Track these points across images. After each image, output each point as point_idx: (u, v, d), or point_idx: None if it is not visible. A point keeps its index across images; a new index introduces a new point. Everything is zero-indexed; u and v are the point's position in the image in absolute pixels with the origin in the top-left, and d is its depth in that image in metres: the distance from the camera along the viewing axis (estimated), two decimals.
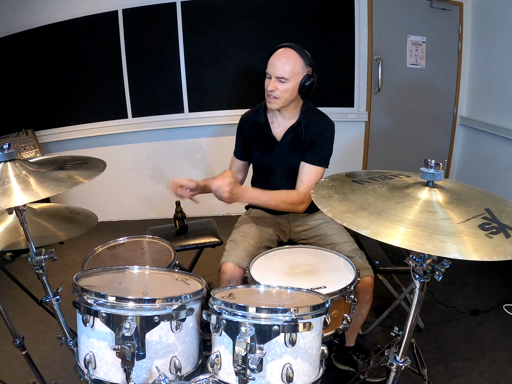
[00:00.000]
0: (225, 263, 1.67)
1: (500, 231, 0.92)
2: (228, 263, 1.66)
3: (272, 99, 1.70)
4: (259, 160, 1.91)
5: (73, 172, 1.19)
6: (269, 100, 1.71)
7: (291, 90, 1.68)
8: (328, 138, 1.78)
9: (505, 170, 3.05)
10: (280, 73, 1.64)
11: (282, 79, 1.65)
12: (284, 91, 1.67)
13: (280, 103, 1.70)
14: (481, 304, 2.39)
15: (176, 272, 1.41)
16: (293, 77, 1.66)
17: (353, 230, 0.95)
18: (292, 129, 1.79)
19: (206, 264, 2.40)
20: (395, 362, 1.13)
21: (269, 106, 1.74)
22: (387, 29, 3.40)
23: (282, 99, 1.69)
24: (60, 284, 1.32)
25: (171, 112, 3.58)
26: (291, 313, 1.03)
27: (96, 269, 1.30)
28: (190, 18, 3.35)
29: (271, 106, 1.73)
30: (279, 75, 1.65)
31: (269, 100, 1.71)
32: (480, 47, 3.33)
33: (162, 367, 1.11)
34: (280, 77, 1.65)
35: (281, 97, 1.68)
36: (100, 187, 3.69)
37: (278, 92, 1.67)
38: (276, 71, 1.65)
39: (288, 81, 1.66)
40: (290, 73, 1.64)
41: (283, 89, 1.66)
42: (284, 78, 1.64)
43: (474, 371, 1.90)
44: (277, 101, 1.70)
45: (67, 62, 3.44)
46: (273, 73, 1.66)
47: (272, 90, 1.67)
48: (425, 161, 1.04)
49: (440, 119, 3.66)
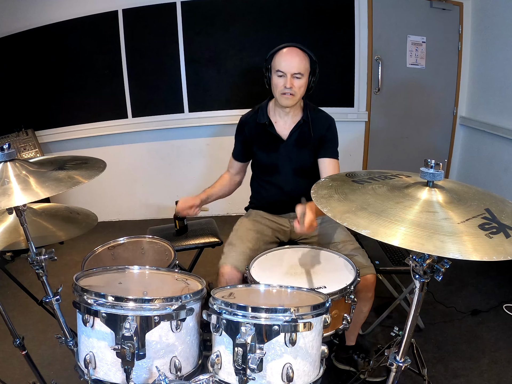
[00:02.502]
0: (223, 265, 1.68)
1: (500, 231, 0.92)
2: (226, 265, 1.67)
3: (289, 96, 1.72)
4: (263, 160, 1.91)
5: (73, 172, 1.19)
6: (286, 97, 1.72)
7: (304, 86, 1.73)
8: (335, 131, 1.86)
9: (505, 170, 3.05)
10: (297, 69, 1.68)
11: (298, 75, 1.69)
12: (299, 87, 1.71)
13: (296, 99, 1.74)
14: (481, 304, 2.39)
15: (176, 272, 1.41)
16: (306, 73, 1.71)
17: (353, 230, 0.95)
18: (298, 126, 1.82)
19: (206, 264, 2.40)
20: (395, 362, 1.13)
21: (285, 104, 1.75)
22: (387, 29, 3.39)
23: (298, 95, 1.73)
24: (60, 284, 1.32)
25: (171, 112, 3.58)
26: (291, 313, 1.03)
27: (96, 269, 1.30)
28: (190, 18, 3.35)
29: (287, 102, 1.74)
30: (296, 71, 1.68)
31: (285, 97, 1.72)
32: (480, 47, 3.33)
33: (162, 367, 1.11)
34: (296, 73, 1.68)
35: (296, 93, 1.72)
36: (100, 187, 3.68)
37: (295, 89, 1.70)
38: (292, 68, 1.68)
39: (303, 77, 1.70)
40: (304, 69, 1.70)
41: (298, 85, 1.70)
42: (300, 73, 1.69)
43: (474, 371, 1.90)
44: (293, 98, 1.72)
45: (67, 62, 3.44)
46: (288, 71, 1.68)
47: (290, 87, 1.69)
48: (425, 161, 1.04)
49: (440, 119, 3.66)
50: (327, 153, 1.82)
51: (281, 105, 1.77)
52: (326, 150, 1.83)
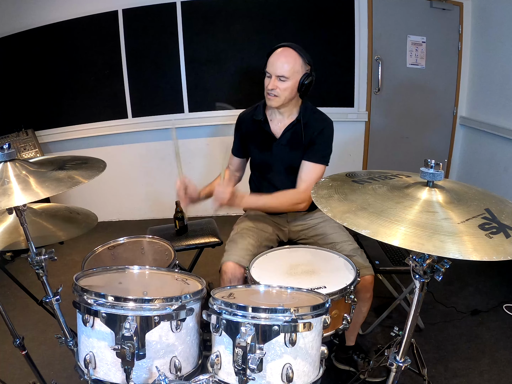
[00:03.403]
0: (226, 262, 1.67)
1: (500, 231, 0.92)
2: (229, 262, 1.66)
3: (272, 97, 1.72)
4: (257, 157, 1.92)
5: (73, 172, 1.19)
6: (269, 97, 1.73)
7: (290, 89, 1.71)
8: (327, 136, 1.81)
9: (505, 170, 3.05)
10: (280, 72, 1.67)
11: (282, 78, 1.68)
12: (284, 89, 1.70)
13: (280, 101, 1.73)
14: (481, 304, 2.39)
15: (176, 272, 1.41)
16: (292, 76, 1.68)
17: (353, 230, 0.95)
18: (291, 126, 1.81)
19: (206, 264, 2.40)
20: (395, 362, 1.13)
21: (269, 104, 1.76)
22: (387, 29, 3.39)
23: (282, 97, 1.71)
24: (60, 284, 1.32)
25: (171, 112, 3.57)
26: (291, 313, 1.03)
27: (96, 269, 1.30)
28: (190, 18, 3.35)
29: (271, 103, 1.74)
30: (279, 73, 1.67)
31: (269, 97, 1.73)
32: (480, 47, 3.33)
33: (162, 367, 1.11)
34: (280, 76, 1.67)
35: (281, 95, 1.71)
36: (100, 187, 3.68)
37: (278, 91, 1.70)
38: (276, 70, 1.67)
39: (288, 80, 1.68)
40: (290, 71, 1.67)
41: (283, 88, 1.69)
42: (284, 76, 1.67)
43: (474, 371, 1.90)
44: (277, 99, 1.72)
45: (67, 62, 3.44)
46: (273, 72, 1.68)
47: (273, 89, 1.69)
48: (425, 161, 1.04)
49: (440, 119, 3.66)
50: (309, 156, 1.79)
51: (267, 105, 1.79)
52: (309, 152, 1.79)
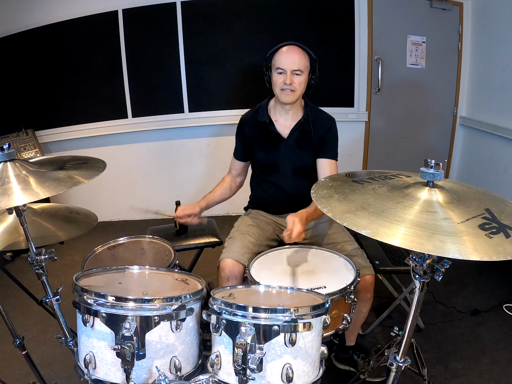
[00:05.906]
0: (224, 259, 1.67)
1: (500, 231, 0.92)
2: (227, 259, 1.65)
3: (289, 92, 1.73)
4: (263, 159, 1.91)
5: (73, 172, 1.19)
6: (286, 93, 1.73)
7: (304, 83, 1.74)
8: (335, 132, 1.87)
9: (505, 170, 3.05)
10: (297, 66, 1.69)
11: (298, 72, 1.70)
12: (299, 83, 1.72)
13: (296, 95, 1.74)
14: (481, 304, 2.39)
15: (176, 272, 1.41)
16: (306, 70, 1.72)
17: (353, 230, 0.95)
18: (299, 125, 1.82)
19: (206, 264, 2.40)
20: (395, 362, 1.13)
21: (285, 100, 1.75)
22: (387, 29, 3.39)
23: (298, 92, 1.73)
24: (60, 284, 1.32)
25: (171, 112, 3.57)
26: (291, 313, 1.03)
27: (96, 269, 1.30)
28: (190, 18, 3.35)
29: (287, 99, 1.74)
30: (296, 67, 1.69)
31: (286, 93, 1.73)
32: (480, 47, 3.33)
33: (162, 367, 1.11)
34: (296, 70, 1.69)
35: (297, 89, 1.72)
36: (100, 187, 3.68)
37: (295, 85, 1.71)
38: (292, 65, 1.69)
39: (303, 74, 1.71)
40: (304, 65, 1.71)
41: (298, 82, 1.71)
42: (300, 70, 1.70)
43: (474, 371, 1.90)
44: (294, 94, 1.73)
45: (67, 62, 3.44)
46: (288, 68, 1.69)
47: (290, 83, 1.70)
48: (425, 161, 1.04)
49: (440, 119, 3.65)
50: (326, 154, 1.83)
51: (281, 101, 1.77)
52: (325, 151, 1.83)
